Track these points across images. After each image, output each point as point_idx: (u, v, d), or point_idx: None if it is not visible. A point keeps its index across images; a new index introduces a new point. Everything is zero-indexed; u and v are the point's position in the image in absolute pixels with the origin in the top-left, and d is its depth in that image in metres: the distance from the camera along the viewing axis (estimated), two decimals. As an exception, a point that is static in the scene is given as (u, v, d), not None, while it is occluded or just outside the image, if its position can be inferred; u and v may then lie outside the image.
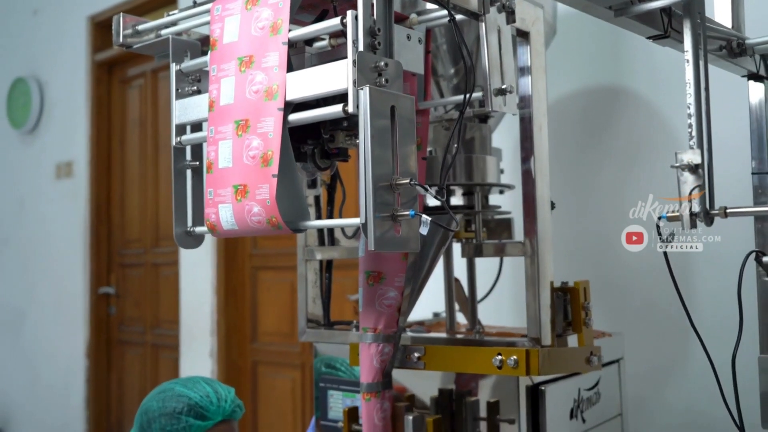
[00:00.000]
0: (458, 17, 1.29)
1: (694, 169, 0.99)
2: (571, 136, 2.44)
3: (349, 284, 2.87)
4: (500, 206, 1.79)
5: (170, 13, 1.54)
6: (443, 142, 1.72)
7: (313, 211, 1.91)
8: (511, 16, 1.36)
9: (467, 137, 1.70)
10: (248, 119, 1.28)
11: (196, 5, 1.48)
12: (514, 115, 1.45)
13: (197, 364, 3.79)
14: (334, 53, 1.38)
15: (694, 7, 1.14)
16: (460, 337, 1.72)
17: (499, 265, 2.00)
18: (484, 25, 1.33)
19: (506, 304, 2.21)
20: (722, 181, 1.37)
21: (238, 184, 1.28)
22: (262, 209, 1.26)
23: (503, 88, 1.38)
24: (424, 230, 1.15)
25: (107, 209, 4.67)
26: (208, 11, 1.40)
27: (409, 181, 1.14)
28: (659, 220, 1.09)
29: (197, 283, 3.87)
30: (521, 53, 1.56)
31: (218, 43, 1.35)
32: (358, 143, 1.27)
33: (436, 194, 1.19)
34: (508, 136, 2.17)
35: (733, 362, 1.30)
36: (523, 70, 1.57)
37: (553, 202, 1.54)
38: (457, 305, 1.85)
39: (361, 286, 1.49)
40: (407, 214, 1.13)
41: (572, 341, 1.56)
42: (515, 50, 1.53)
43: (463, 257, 1.71)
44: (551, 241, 1.51)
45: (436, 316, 2.13)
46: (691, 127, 1.01)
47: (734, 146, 1.71)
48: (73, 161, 4.71)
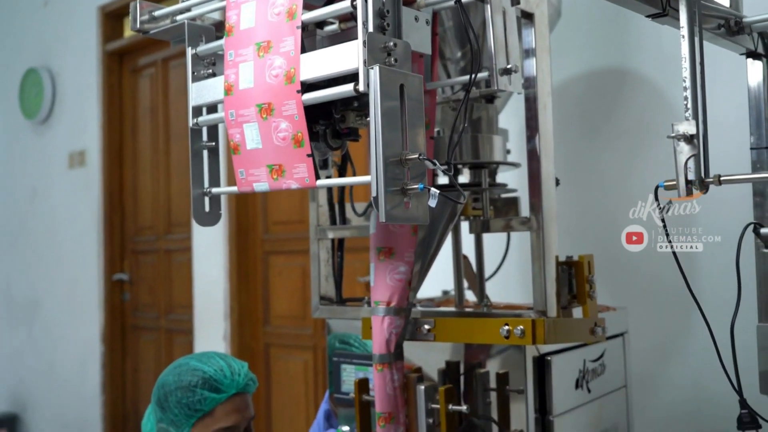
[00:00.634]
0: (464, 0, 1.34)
1: (689, 139, 1.04)
2: (577, 117, 2.48)
3: (359, 267, 2.93)
4: (507, 184, 1.84)
5: (184, -1, 1.59)
6: (450, 122, 1.76)
7: (324, 192, 1.96)
8: (515, -3, 1.40)
9: (474, 117, 1.74)
10: (271, 103, 1.34)
11: (210, -9, 1.53)
12: (519, 93, 1.50)
13: (211, 347, 3.85)
14: (343, 36, 1.44)
15: (690, -16, 1.18)
16: (468, 310, 1.78)
17: (506, 243, 2.05)
18: (489, 6, 1.38)
19: (514, 282, 2.26)
20: (723, 157, 1.42)
21: (272, 164, 1.35)
22: (299, 185, 1.35)
23: (508, 67, 1.43)
24: (432, 203, 1.20)
25: (120, 197, 4.74)
26: (222, -2, 1.45)
27: (418, 156, 1.19)
28: (657, 188, 1.14)
29: (210, 268, 3.94)
30: (526, 35, 1.60)
31: (235, 29, 1.41)
32: (368, 123, 1.33)
33: (443, 169, 1.24)
34: (513, 118, 2.21)
35: (731, 330, 1.34)
36: (528, 51, 1.61)
37: (557, 178, 1.59)
38: (465, 282, 1.90)
39: (372, 261, 1.54)
40: (416, 187, 1.19)
41: (577, 313, 1.62)
42: (520, 32, 1.58)
43: (471, 233, 1.76)
44: (556, 216, 1.55)
45: (445, 294, 2.18)
46: (686, 99, 1.06)
47: (735, 124, 1.75)
48: (85, 150, 4.78)
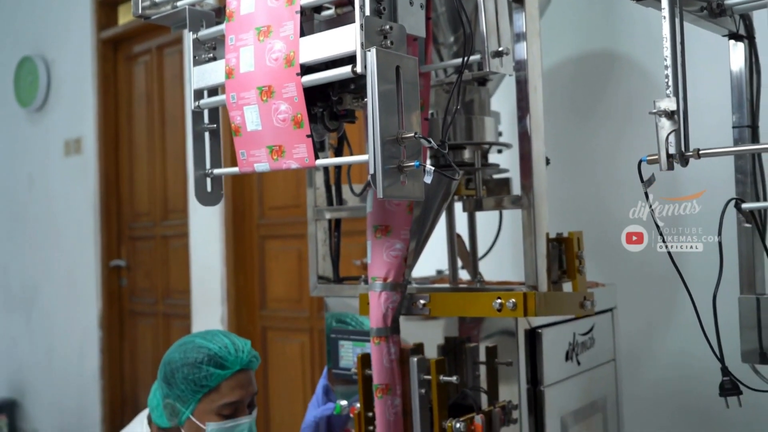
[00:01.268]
0: (457, -16, 1.39)
1: (670, 115, 1.09)
2: (567, 100, 2.53)
3: (354, 250, 2.98)
4: (499, 165, 1.90)
5: (185, -15, 1.63)
6: (444, 105, 1.81)
7: (321, 174, 2.02)
8: (506, -18, 1.45)
9: (467, 99, 1.79)
10: (271, 85, 1.39)
11: (210, -23, 1.58)
12: (510, 75, 1.55)
13: (208, 331, 3.91)
14: (340, 20, 1.49)
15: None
16: (462, 286, 1.84)
17: (499, 221, 2.10)
18: (481, -10, 1.43)
19: (507, 261, 2.32)
20: (708, 135, 1.48)
21: (272, 145, 1.41)
22: (299, 165, 1.40)
23: (500, 50, 1.48)
24: (427, 179, 1.25)
25: (116, 184, 4.78)
26: (221, -17, 1.50)
27: (413, 134, 1.24)
28: (640, 162, 1.19)
29: (207, 253, 3.99)
30: (516, 19, 1.65)
31: (235, 14, 1.45)
32: (364, 105, 1.38)
33: (438, 147, 1.30)
34: (506, 102, 2.26)
35: (713, 300, 1.40)
36: (518, 35, 1.66)
37: (548, 158, 1.64)
38: (459, 261, 1.96)
39: (369, 239, 1.59)
40: (412, 165, 1.25)
41: (567, 288, 1.68)
42: (511, 16, 1.63)
43: (464, 212, 1.82)
44: (546, 194, 1.61)
45: (439, 273, 2.24)
46: (667, 77, 1.11)
47: (719, 104, 1.80)
48: (81, 138, 4.81)
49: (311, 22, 1.48)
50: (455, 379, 1.55)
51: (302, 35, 1.37)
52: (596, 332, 1.87)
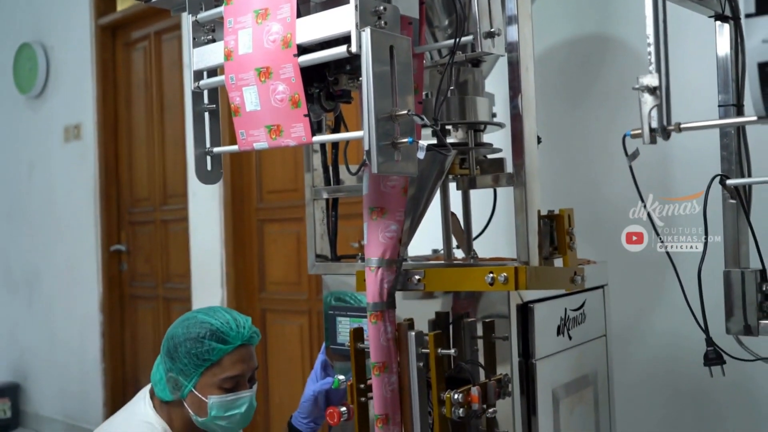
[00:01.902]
0: (449, -34, 1.43)
1: (652, 90, 1.14)
2: (560, 83, 2.57)
3: (352, 233, 3.03)
4: (492, 144, 1.94)
5: (185, -31, 1.66)
6: (438, 85, 1.85)
7: (318, 155, 2.06)
8: (497, -36, 1.49)
9: (461, 80, 1.83)
10: (269, 66, 1.43)
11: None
12: (502, 56, 1.59)
13: (208, 314, 3.96)
14: (335, 2, 1.52)
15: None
16: (456, 262, 1.88)
17: (493, 200, 2.14)
18: (473, -27, 1.47)
19: (502, 240, 2.35)
20: (695, 115, 1.52)
21: (270, 124, 1.45)
22: (297, 143, 1.44)
23: (492, 31, 1.53)
24: (420, 155, 1.30)
25: (116, 169, 4.82)
26: (220, -33, 1.54)
27: (407, 112, 1.29)
28: (624, 137, 1.24)
29: (206, 237, 4.04)
30: (508, 2, 1.68)
31: (233, -4, 1.49)
32: (360, 85, 1.42)
33: (431, 124, 1.34)
34: (500, 86, 2.30)
35: (698, 274, 1.45)
36: (510, 18, 1.69)
37: (539, 136, 1.68)
38: (454, 239, 2.00)
39: (365, 221, 1.63)
40: (406, 141, 1.29)
41: (558, 264, 1.72)
42: (503, 0, 1.67)
43: (458, 190, 1.86)
44: (537, 172, 1.65)
45: (435, 252, 2.28)
46: (650, 54, 1.16)
47: (707, 84, 1.84)
48: (81, 124, 4.85)
49: (308, 4, 1.52)
50: (454, 351, 1.60)
51: (299, 17, 1.41)
52: (587, 308, 1.91)
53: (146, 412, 1.94)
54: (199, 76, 1.61)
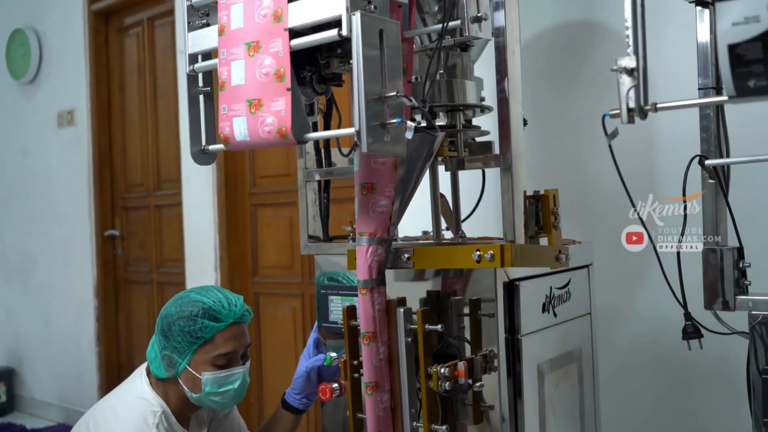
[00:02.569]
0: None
1: (630, 71, 1.18)
2: (549, 68, 2.61)
3: (345, 216, 3.07)
4: (480, 126, 1.98)
5: (179, -46, 1.70)
6: (426, 69, 1.90)
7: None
8: (484, -50, 1.54)
9: (449, 64, 1.87)
10: (259, 40, 1.47)
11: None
12: (489, 40, 1.64)
13: (202, 297, 4.00)
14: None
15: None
16: (444, 241, 1.93)
17: (482, 182, 2.19)
18: (460, -41, 1.51)
19: (490, 222, 2.41)
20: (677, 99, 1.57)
21: (252, 98, 1.48)
22: (275, 119, 1.46)
23: (479, 16, 1.57)
24: (409, 135, 1.34)
25: (109, 155, 4.85)
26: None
27: (396, 93, 1.33)
28: (603, 117, 1.29)
29: (200, 222, 4.08)
30: (495, -13, 1.73)
31: (226, -23, 1.53)
32: (351, 68, 1.46)
33: (419, 106, 1.38)
34: (489, 71, 2.35)
35: (678, 251, 1.50)
36: (497, 4, 1.73)
37: (525, 119, 1.73)
38: (443, 220, 2.05)
39: (356, 197, 1.68)
40: (394, 122, 1.34)
41: (543, 243, 1.77)
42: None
43: (446, 171, 1.91)
44: (523, 153, 1.70)
45: (425, 233, 2.33)
46: (628, 37, 1.21)
47: (689, 70, 1.88)
48: (74, 109, 4.87)
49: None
50: (440, 327, 1.65)
51: (290, 1, 1.45)
52: (572, 287, 1.97)
53: (143, 389, 1.99)
54: (194, 59, 1.65)
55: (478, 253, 1.61)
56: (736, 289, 1.58)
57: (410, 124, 1.35)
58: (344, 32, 1.34)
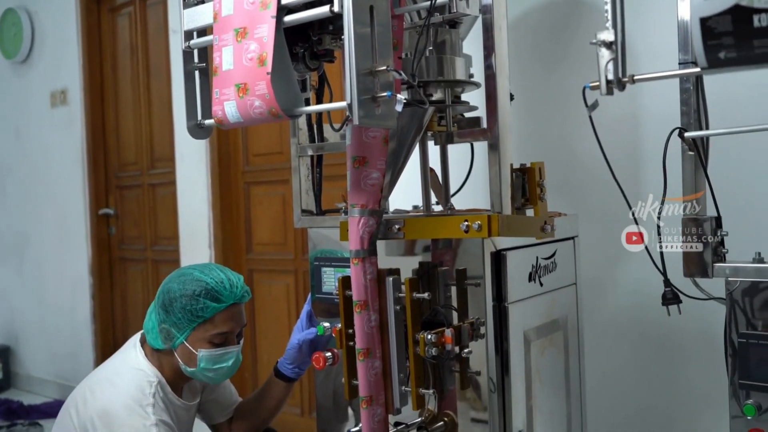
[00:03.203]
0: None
1: (608, 45, 1.24)
2: (537, 46, 2.66)
3: (336, 194, 3.12)
4: (469, 102, 2.03)
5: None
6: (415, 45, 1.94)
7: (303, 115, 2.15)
8: (471, -72, 1.58)
9: (438, 41, 1.92)
10: (246, 27, 1.51)
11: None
12: (477, 17, 1.69)
13: (197, 274, 4.06)
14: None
15: None
16: (434, 213, 1.99)
17: (471, 157, 2.24)
18: (448, -63, 1.56)
19: (480, 196, 2.46)
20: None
21: (239, 83, 1.53)
22: (262, 103, 1.51)
23: (466, -8, 1.62)
24: (399, 107, 1.39)
25: (103, 134, 4.88)
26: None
27: (386, 67, 1.38)
28: (584, 89, 1.34)
29: (194, 200, 4.12)
30: (482, -35, 1.77)
31: (219, -42, 1.57)
32: (342, 44, 1.51)
33: (408, 79, 1.43)
34: (478, 49, 2.39)
35: (658, 218, 1.56)
36: (485, -19, 1.78)
37: (512, 93, 1.78)
38: (432, 193, 2.10)
39: (348, 169, 1.72)
40: (385, 95, 1.39)
41: (530, 215, 1.83)
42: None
43: (436, 145, 1.96)
44: (510, 126, 1.75)
45: (415, 208, 2.39)
46: (607, 11, 1.26)
47: (672, 50, 1.93)
48: (67, 89, 4.89)
49: (292, -34, 1.60)
50: (427, 295, 1.71)
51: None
52: (558, 257, 2.03)
53: (137, 359, 2.03)
54: (189, 36, 1.69)
55: (466, 223, 1.66)
56: (714, 257, 1.64)
57: (400, 97, 1.40)
58: (336, 8, 1.39)
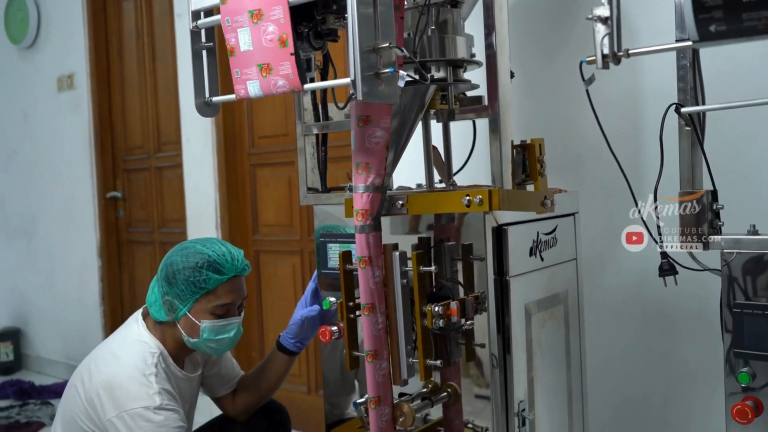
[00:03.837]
0: None
1: (604, 20, 1.27)
2: (538, 26, 2.69)
3: (341, 174, 3.16)
4: (470, 80, 2.07)
5: None
6: (417, 24, 1.98)
7: (308, 93, 2.19)
8: None
9: (440, 20, 1.95)
10: (261, 8, 1.56)
11: None
12: (477, -4, 1.72)
13: (204, 256, 4.11)
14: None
15: None
16: (436, 189, 2.03)
17: (473, 135, 2.28)
18: None
19: (481, 174, 2.50)
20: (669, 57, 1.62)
21: (261, 63, 1.58)
22: (286, 82, 1.57)
23: (467, -28, 1.65)
24: (401, 83, 1.44)
25: (110, 118, 4.92)
26: None
27: (388, 44, 1.42)
28: (581, 63, 1.38)
29: (200, 182, 4.17)
30: (483, -56, 1.81)
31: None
32: (346, 22, 1.55)
33: (410, 56, 1.47)
34: (479, 31, 2.42)
35: (654, 192, 1.60)
36: (485, -39, 1.81)
37: (512, 71, 1.82)
38: (435, 171, 2.14)
39: (353, 129, 1.74)
40: (387, 71, 1.43)
41: (530, 190, 1.87)
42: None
43: (438, 122, 2.00)
44: (510, 103, 1.79)
45: (419, 186, 2.43)
46: (602, -13, 1.30)
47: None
48: (73, 73, 4.93)
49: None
50: (434, 268, 1.75)
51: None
52: (559, 233, 2.07)
53: (140, 332, 2.09)
54: (196, 16, 1.73)
55: (467, 197, 1.70)
56: (710, 229, 1.67)
57: (402, 73, 1.44)
58: (339, -13, 1.43)
